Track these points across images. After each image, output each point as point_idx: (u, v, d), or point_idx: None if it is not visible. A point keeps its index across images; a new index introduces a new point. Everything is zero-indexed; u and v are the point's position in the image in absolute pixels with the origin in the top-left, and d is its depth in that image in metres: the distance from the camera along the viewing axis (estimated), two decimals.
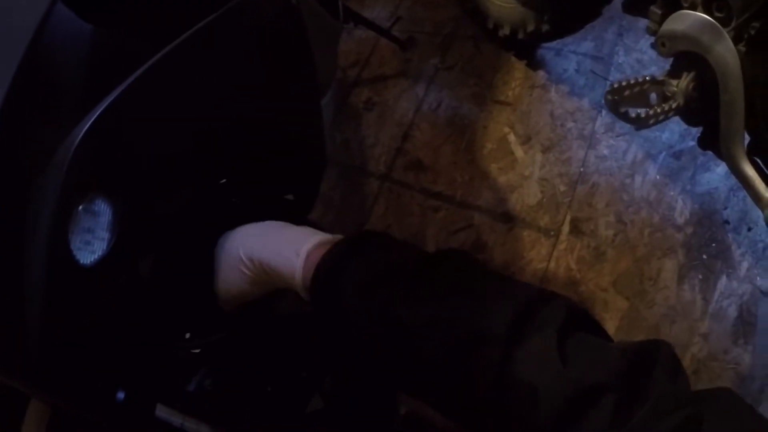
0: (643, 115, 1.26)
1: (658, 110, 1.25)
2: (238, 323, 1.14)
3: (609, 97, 1.25)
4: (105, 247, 0.73)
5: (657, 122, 1.28)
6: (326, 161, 1.36)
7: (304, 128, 1.22)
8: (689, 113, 1.30)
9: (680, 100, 1.25)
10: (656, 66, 2.00)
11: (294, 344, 1.14)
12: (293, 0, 1.05)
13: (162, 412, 0.97)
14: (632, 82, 1.26)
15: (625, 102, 1.25)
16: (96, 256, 0.72)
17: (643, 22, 2.06)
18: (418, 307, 0.64)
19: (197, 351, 1.06)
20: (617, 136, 1.89)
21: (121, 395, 0.88)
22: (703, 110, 1.28)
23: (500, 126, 2.00)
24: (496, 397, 0.59)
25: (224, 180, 1.03)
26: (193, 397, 1.03)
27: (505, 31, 2.00)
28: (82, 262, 0.70)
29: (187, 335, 1.12)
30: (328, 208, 1.94)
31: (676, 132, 1.86)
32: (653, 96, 1.29)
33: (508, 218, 1.83)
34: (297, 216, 1.30)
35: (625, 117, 1.27)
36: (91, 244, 0.72)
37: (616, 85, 1.25)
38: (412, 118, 2.08)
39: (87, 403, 0.85)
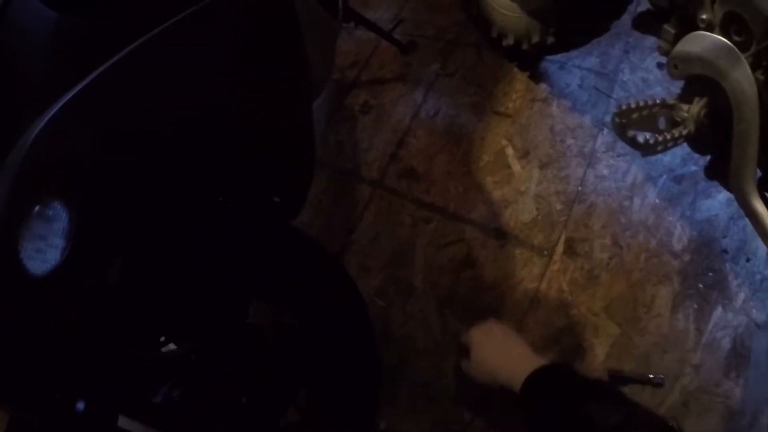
0: (651, 141, 1.21)
1: (668, 136, 1.20)
2: (214, 331, 1.09)
3: (617, 119, 1.19)
4: (59, 257, 0.67)
5: (665, 149, 1.23)
6: (314, 165, 1.31)
7: (292, 128, 1.17)
8: (699, 141, 1.25)
9: (691, 127, 1.20)
10: (661, 86, 1.97)
11: (271, 355, 1.10)
12: None
13: (124, 423, 0.93)
14: (641, 104, 1.20)
15: (632, 125, 1.20)
16: (49, 266, 0.66)
17: (650, 40, 2.04)
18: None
19: (165, 360, 1.02)
20: (618, 156, 1.84)
21: (80, 406, 0.84)
22: (713, 139, 1.23)
23: (498, 138, 1.95)
24: None
25: (208, 180, 0.98)
26: (159, 408, 0.99)
27: (509, 40, 1.95)
28: (32, 272, 0.64)
29: (162, 339, 1.08)
30: (318, 212, 1.89)
31: (678, 155, 1.81)
32: (662, 120, 1.24)
33: (500, 234, 1.78)
34: (283, 219, 1.26)
35: (632, 142, 1.21)
36: (43, 252, 0.66)
37: (624, 107, 1.19)
38: (409, 124, 2.03)
39: (44, 413, 0.81)
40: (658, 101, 1.22)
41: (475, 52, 2.14)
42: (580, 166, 1.84)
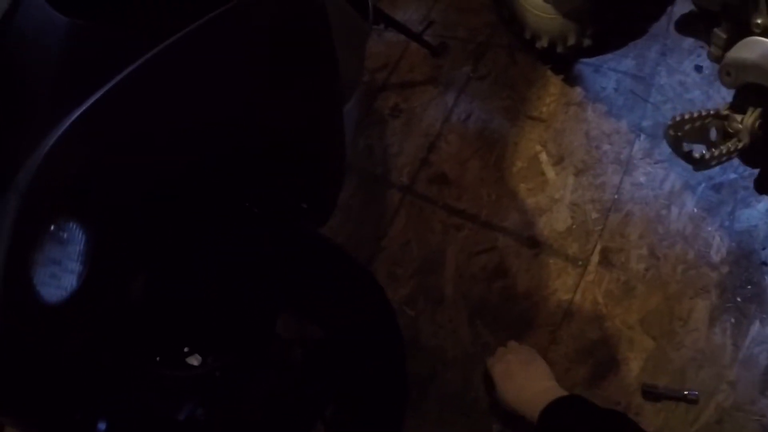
0: (707, 156, 1.16)
1: (723, 150, 1.16)
2: (240, 346, 1.07)
3: (671, 131, 1.15)
4: (75, 282, 0.64)
5: (719, 163, 1.19)
6: (344, 171, 1.29)
7: (323, 134, 1.15)
8: (752, 154, 1.20)
9: (745, 139, 1.15)
10: (700, 90, 1.92)
11: (299, 371, 1.07)
12: None
13: None
14: (695, 115, 1.16)
15: (685, 137, 1.15)
16: (65, 293, 0.63)
17: (688, 42, 2.00)
18: None
19: (191, 377, 1.00)
20: (655, 163, 1.80)
21: (102, 426, 0.82)
22: None
23: (532, 143, 1.91)
24: None
25: (235, 185, 0.96)
26: (183, 426, 0.97)
27: (543, 42, 1.91)
28: (47, 300, 0.61)
29: (186, 350, 1.06)
30: (347, 217, 1.86)
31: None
32: (713, 131, 1.20)
33: (534, 243, 1.74)
34: (311, 226, 1.24)
35: (687, 157, 1.17)
36: (58, 278, 0.62)
37: (678, 119, 1.15)
38: (440, 128, 1.99)
39: None
40: (711, 112, 1.17)
41: (507, 54, 2.10)
42: (617, 173, 1.80)
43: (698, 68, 1.96)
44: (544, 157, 1.88)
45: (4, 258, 0.56)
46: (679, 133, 1.16)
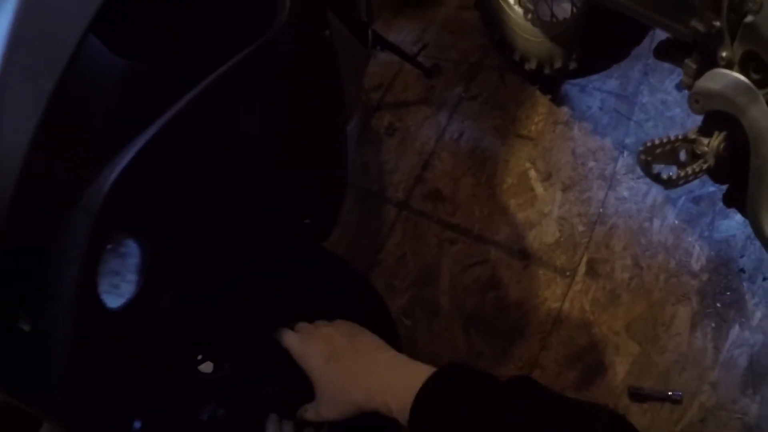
0: (674, 177, 1.26)
1: (689, 171, 1.25)
2: (256, 352, 1.14)
3: (642, 157, 1.24)
4: (133, 290, 0.71)
5: (686, 182, 1.27)
6: (346, 188, 1.36)
7: (329, 155, 1.22)
8: (718, 172, 1.30)
9: (710, 161, 1.25)
10: (680, 108, 2.01)
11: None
12: (327, 33, 1.05)
13: None
14: (664, 140, 1.25)
15: (656, 160, 1.25)
16: (124, 300, 0.71)
17: (669, 64, 2.09)
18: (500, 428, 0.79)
19: (211, 379, 1.06)
20: (638, 178, 1.89)
21: (137, 425, 0.88)
22: (732, 170, 1.27)
23: (521, 161, 1.99)
24: None
25: (247, 205, 1.03)
26: (205, 426, 1.03)
27: (531, 65, 2.00)
28: (109, 306, 0.69)
29: (199, 357, 1.13)
30: (344, 232, 1.93)
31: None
32: (683, 153, 1.29)
33: (524, 255, 1.83)
34: (314, 241, 1.30)
35: (656, 178, 1.26)
36: (118, 288, 0.70)
37: (649, 144, 1.24)
38: (434, 146, 2.08)
39: None
40: (680, 137, 1.26)
41: (497, 76, 2.19)
42: (602, 189, 1.89)
43: (678, 87, 2.01)
44: (533, 173, 1.96)
45: (78, 269, 0.64)
46: (649, 158, 1.25)
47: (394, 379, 0.90)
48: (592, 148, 1.97)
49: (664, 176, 1.27)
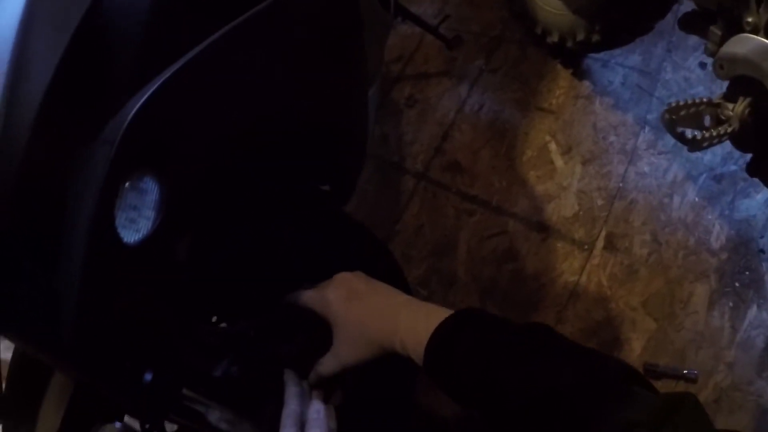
0: (698, 137, 1.24)
1: (713, 133, 1.24)
2: (271, 311, 1.13)
3: (666, 115, 1.23)
4: (150, 227, 0.70)
5: (710, 145, 1.26)
6: (365, 154, 1.35)
7: (349, 118, 1.21)
8: (742, 138, 1.28)
9: (735, 125, 1.23)
10: (703, 86, 1.99)
11: (326, 332, 1.13)
12: None
13: (187, 395, 0.97)
14: (689, 102, 1.24)
15: (680, 121, 1.24)
16: (140, 235, 0.70)
17: (693, 40, 2.07)
18: (513, 369, 0.78)
19: (226, 334, 1.06)
20: (659, 154, 1.87)
21: (148, 376, 0.87)
22: (756, 137, 1.26)
23: (542, 134, 1.98)
24: None
25: (266, 165, 1.02)
26: (218, 382, 1.02)
27: (554, 38, 1.98)
28: (125, 240, 0.68)
29: (214, 319, 1.13)
30: (362, 202, 1.93)
31: (718, 155, 1.84)
32: (707, 118, 1.28)
33: (542, 228, 1.82)
34: (332, 207, 1.30)
35: (680, 137, 1.25)
36: (136, 223, 0.69)
37: (673, 104, 1.23)
38: (453, 118, 2.07)
39: (114, 382, 0.83)
40: (705, 99, 1.25)
41: (518, 48, 2.17)
42: (622, 163, 1.88)
43: (702, 65, 2.02)
44: (553, 146, 1.95)
45: (95, 200, 0.63)
46: (674, 117, 1.23)
47: (411, 318, 0.89)
48: (613, 122, 1.95)
49: (689, 136, 1.26)
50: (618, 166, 1.88)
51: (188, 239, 0.94)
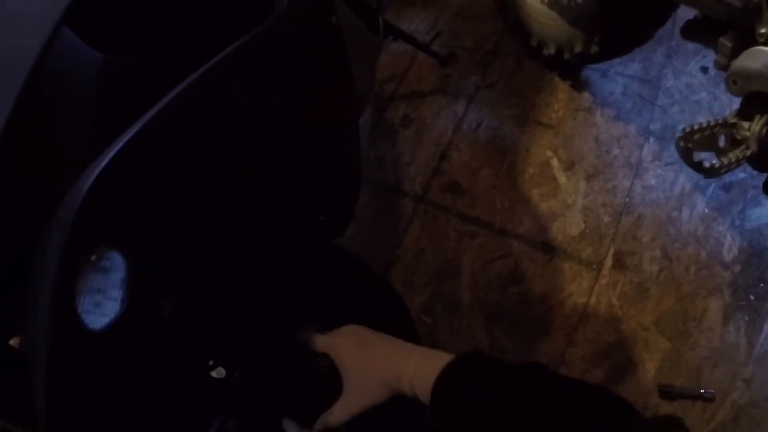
0: (716, 165, 1.18)
1: (731, 158, 1.18)
2: (266, 357, 1.09)
3: (682, 143, 1.17)
4: (118, 309, 0.65)
5: (728, 170, 1.21)
6: (360, 182, 1.31)
7: (340, 149, 1.17)
8: (761, 159, 1.23)
9: (753, 147, 1.18)
10: (706, 91, 1.94)
11: (327, 380, 1.09)
12: (333, 20, 1.00)
13: None
14: (703, 125, 1.18)
15: (695, 147, 1.18)
16: (109, 319, 0.65)
17: (693, 44, 2.01)
18: (515, 403, 0.83)
19: (220, 391, 1.02)
20: (665, 165, 1.82)
21: None
22: None
23: (543, 150, 1.93)
24: None
25: (254, 201, 0.98)
26: None
27: (550, 50, 1.93)
28: (91, 327, 0.63)
29: (211, 362, 1.08)
30: (361, 228, 1.88)
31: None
32: (722, 138, 1.22)
33: (548, 248, 1.76)
34: (328, 238, 1.26)
35: (698, 167, 1.20)
36: (101, 306, 0.64)
37: (687, 130, 1.18)
38: (451, 137, 2.02)
39: None
40: (719, 121, 1.19)
41: (515, 62, 2.12)
42: (627, 177, 1.82)
43: (704, 69, 1.97)
44: (555, 162, 1.90)
45: (51, 290, 0.58)
46: (690, 145, 1.18)
47: (421, 360, 0.94)
48: (615, 134, 1.90)
49: (706, 165, 1.20)
50: (623, 180, 1.82)
51: (173, 296, 0.89)
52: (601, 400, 0.81)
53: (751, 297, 1.61)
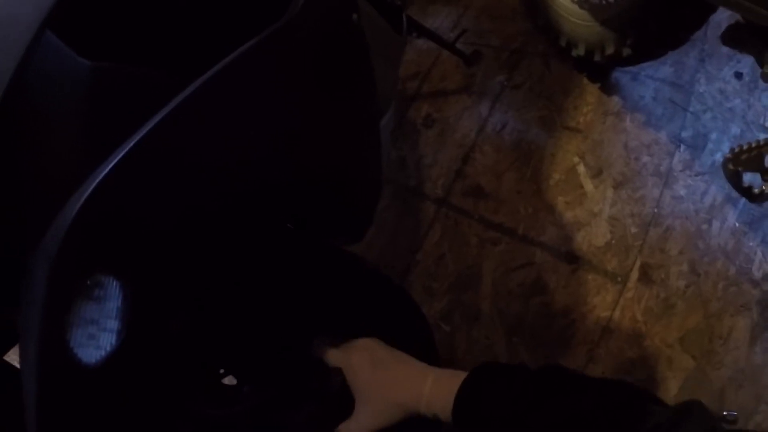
0: (766, 191, 1.13)
1: None
2: (279, 377, 1.06)
3: (730, 166, 1.13)
4: (114, 341, 0.61)
5: None
6: (381, 186, 1.27)
7: (360, 154, 1.13)
8: None
9: None
10: (740, 98, 1.87)
11: (337, 397, 1.06)
12: (354, 17, 0.95)
13: None
14: (752, 145, 1.13)
15: (744, 166, 1.13)
16: (103, 353, 0.60)
17: (726, 48, 1.94)
18: (536, 405, 0.85)
19: (228, 415, 0.99)
20: (696, 176, 1.76)
21: None
22: None
23: (569, 155, 1.88)
24: None
25: (272, 205, 0.94)
26: None
27: (580, 51, 1.87)
28: (85, 361, 0.59)
29: (222, 371, 1.05)
30: (380, 230, 1.84)
31: (758, 175, 1.72)
32: (767, 158, 1.17)
33: (572, 258, 1.72)
34: (347, 243, 1.22)
35: (747, 193, 1.15)
36: (96, 339, 0.60)
37: (736, 149, 1.12)
38: (475, 139, 1.97)
39: None
40: (766, 140, 1.14)
41: (542, 63, 2.06)
42: (656, 186, 1.77)
43: (738, 75, 1.91)
44: (582, 169, 1.85)
45: (38, 325, 0.54)
46: (739, 168, 1.13)
47: (438, 380, 0.95)
48: (645, 141, 1.84)
49: (756, 191, 1.15)
50: (652, 190, 1.77)
51: (182, 315, 0.85)
52: (621, 394, 0.82)
53: None
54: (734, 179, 1.15)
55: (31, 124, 0.62)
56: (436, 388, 0.93)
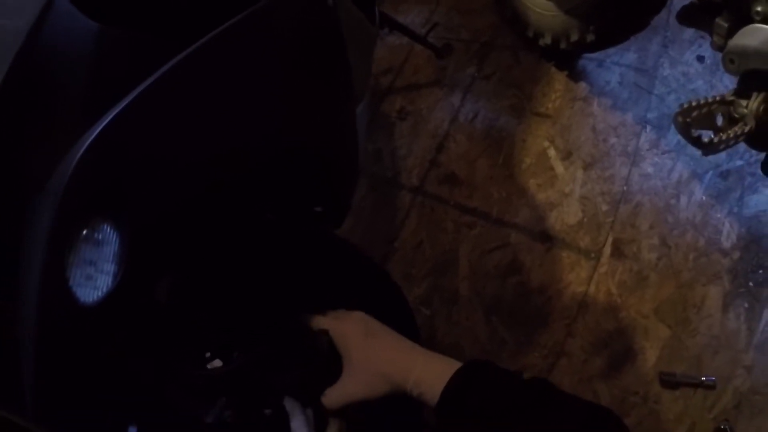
0: (715, 140, 1.18)
1: (730, 134, 1.17)
2: (265, 341, 1.08)
3: (680, 118, 1.17)
4: (111, 283, 0.63)
5: (726, 147, 1.21)
6: (358, 172, 1.30)
7: (337, 137, 1.16)
8: (758, 137, 1.22)
9: (751, 123, 1.17)
10: (703, 80, 1.93)
11: (325, 358, 1.07)
12: (330, 1, 0.99)
13: None
14: (701, 102, 1.18)
15: (694, 123, 1.17)
16: (100, 293, 0.63)
17: (689, 33, 2.01)
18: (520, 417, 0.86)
19: (216, 375, 1.00)
20: (662, 154, 1.81)
21: (133, 430, 0.82)
22: None
23: (540, 140, 1.92)
24: None
25: (251, 191, 0.97)
26: (211, 429, 0.97)
27: (546, 40, 1.92)
28: (83, 300, 0.61)
29: (208, 355, 1.07)
30: (358, 220, 1.88)
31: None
32: (719, 117, 1.21)
33: (546, 238, 1.76)
34: (326, 229, 1.25)
35: (696, 142, 1.19)
36: (94, 279, 0.62)
37: (685, 105, 1.17)
38: (447, 129, 2.01)
39: None
40: (717, 98, 1.19)
41: (511, 54, 2.11)
42: (625, 165, 1.82)
43: (700, 58, 1.97)
44: (552, 152, 1.89)
45: (41, 260, 0.57)
46: (688, 120, 1.17)
47: (428, 362, 0.94)
48: (612, 124, 1.89)
49: (705, 139, 1.19)
50: (621, 169, 1.81)
51: (168, 278, 0.88)
52: (604, 420, 0.83)
53: (751, 284, 1.61)
54: (684, 130, 1.19)
55: (40, 83, 0.65)
56: (426, 369, 0.92)
